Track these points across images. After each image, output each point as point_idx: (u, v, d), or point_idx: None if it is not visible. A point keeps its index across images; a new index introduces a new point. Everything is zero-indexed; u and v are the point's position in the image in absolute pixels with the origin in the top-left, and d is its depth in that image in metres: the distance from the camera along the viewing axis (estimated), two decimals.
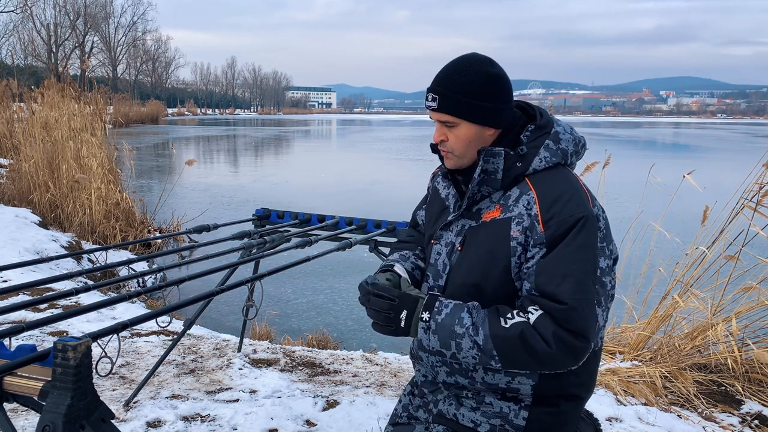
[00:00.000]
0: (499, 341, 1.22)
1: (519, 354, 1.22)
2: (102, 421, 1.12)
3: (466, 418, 1.38)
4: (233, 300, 5.48)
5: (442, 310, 1.29)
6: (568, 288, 1.20)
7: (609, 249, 1.30)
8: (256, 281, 1.88)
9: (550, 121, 1.39)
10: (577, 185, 1.32)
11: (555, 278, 1.22)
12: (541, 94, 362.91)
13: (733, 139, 45.51)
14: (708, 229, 3.51)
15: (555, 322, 1.20)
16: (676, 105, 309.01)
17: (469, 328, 1.25)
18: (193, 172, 15.96)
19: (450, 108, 1.34)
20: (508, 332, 1.21)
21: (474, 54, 1.39)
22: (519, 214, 1.30)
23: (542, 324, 1.20)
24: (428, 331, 1.29)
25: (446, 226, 1.44)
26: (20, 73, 24.90)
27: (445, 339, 1.28)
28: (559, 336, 1.19)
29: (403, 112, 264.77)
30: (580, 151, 1.42)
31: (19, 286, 1.73)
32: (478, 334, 1.24)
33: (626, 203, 9.94)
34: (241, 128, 52.29)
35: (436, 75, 1.38)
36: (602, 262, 1.26)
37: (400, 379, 3.36)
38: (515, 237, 1.29)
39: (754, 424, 2.93)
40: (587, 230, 1.24)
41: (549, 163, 1.34)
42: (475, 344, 1.24)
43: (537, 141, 1.36)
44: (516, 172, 1.34)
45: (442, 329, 1.28)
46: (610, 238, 1.32)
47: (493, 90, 1.34)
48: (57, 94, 8.27)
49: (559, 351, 1.19)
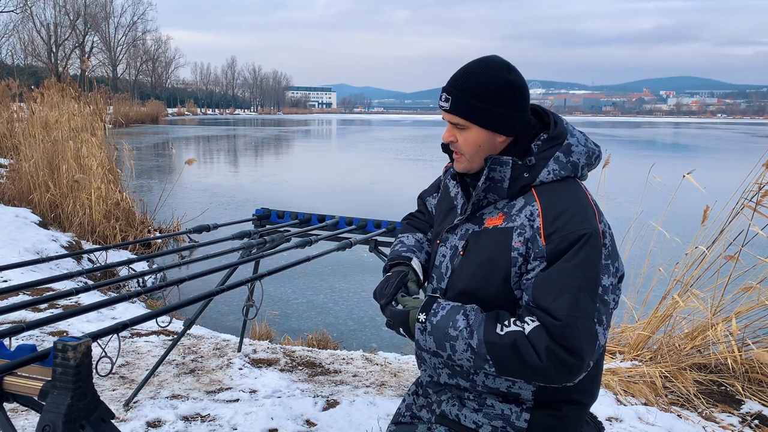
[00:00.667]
0: (492, 347, 1.22)
1: (512, 363, 1.21)
2: (102, 421, 1.12)
3: (468, 419, 1.38)
4: (233, 300, 5.48)
5: (438, 312, 1.30)
6: (563, 304, 1.19)
7: (614, 266, 1.27)
8: (256, 281, 1.88)
9: (563, 132, 1.35)
10: (584, 200, 1.29)
11: (552, 293, 1.21)
12: (541, 94, 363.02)
13: (733, 139, 45.51)
14: (708, 229, 3.51)
15: (549, 337, 1.18)
16: (676, 105, 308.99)
17: (463, 331, 1.25)
18: (193, 172, 15.96)
19: (461, 111, 1.32)
20: (502, 340, 1.21)
21: (494, 57, 1.36)
22: (521, 225, 1.28)
23: (537, 336, 1.19)
24: (424, 332, 1.30)
25: (452, 229, 1.44)
26: (20, 73, 24.90)
27: (440, 340, 1.28)
28: (552, 351, 1.17)
29: (403, 112, 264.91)
30: (594, 162, 1.39)
31: (19, 286, 1.73)
32: (473, 337, 1.24)
33: (626, 203, 9.93)
34: (241, 128, 52.29)
35: (453, 75, 1.36)
36: (605, 280, 1.23)
37: (400, 379, 3.36)
38: (516, 248, 1.27)
39: (754, 424, 2.94)
40: (589, 247, 1.22)
41: (557, 176, 1.31)
42: (469, 347, 1.24)
43: (547, 152, 1.32)
44: (523, 183, 1.32)
45: (437, 330, 1.28)
46: (616, 255, 1.30)
47: (508, 96, 1.31)
48: (57, 94, 8.27)
49: (551, 366, 1.18)
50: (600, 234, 1.25)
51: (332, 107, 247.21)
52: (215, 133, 41.24)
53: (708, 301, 3.46)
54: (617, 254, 1.31)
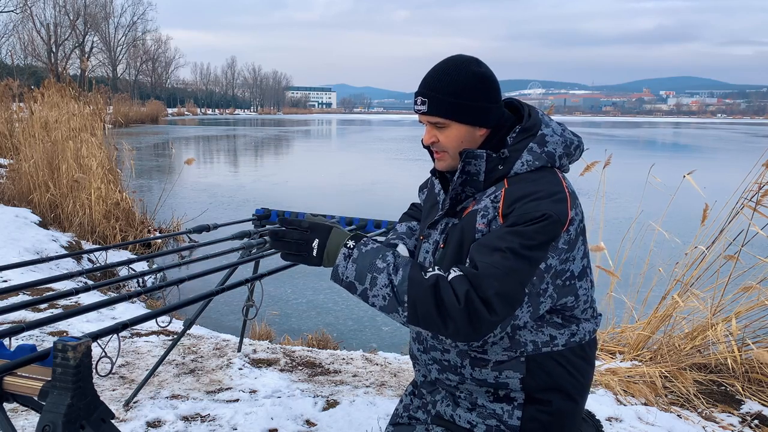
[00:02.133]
0: (413, 285, 1.19)
1: (428, 304, 1.17)
2: (102, 421, 1.12)
3: (463, 419, 1.39)
4: (233, 300, 5.48)
5: (368, 243, 1.27)
6: (488, 259, 1.19)
7: (571, 255, 1.27)
8: (256, 281, 1.88)
9: (537, 123, 1.36)
10: (555, 187, 1.28)
11: (485, 249, 1.21)
12: (541, 94, 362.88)
13: (733, 139, 45.51)
14: (708, 228, 3.51)
15: (470, 284, 1.17)
16: (676, 105, 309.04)
17: (390, 265, 1.22)
18: (193, 172, 15.97)
19: (440, 110, 1.35)
20: (425, 278, 1.19)
21: (459, 55, 1.39)
22: (485, 207, 1.30)
23: (458, 282, 1.18)
24: (348, 258, 1.25)
25: (433, 225, 1.46)
26: (20, 73, 24.90)
27: (362, 271, 1.23)
28: (470, 297, 1.15)
29: (402, 112, 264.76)
30: (573, 153, 1.39)
31: (19, 286, 1.73)
32: (398, 273, 1.21)
33: (626, 203, 9.94)
34: (241, 128, 52.27)
35: (423, 78, 1.38)
36: (552, 260, 1.22)
37: (400, 379, 3.36)
38: (480, 229, 1.29)
39: (754, 424, 2.94)
40: (544, 226, 1.20)
41: (531, 166, 1.32)
42: (390, 283, 1.21)
43: (520, 144, 1.34)
44: (497, 175, 1.33)
45: (363, 259, 1.24)
46: (579, 248, 1.29)
47: (482, 89, 1.34)
48: (57, 94, 8.27)
49: (466, 310, 1.15)
50: (567, 220, 1.23)
51: (332, 107, 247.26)
52: (215, 133, 41.23)
53: (708, 301, 3.46)
54: (582, 249, 1.30)
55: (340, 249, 1.26)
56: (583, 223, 1.31)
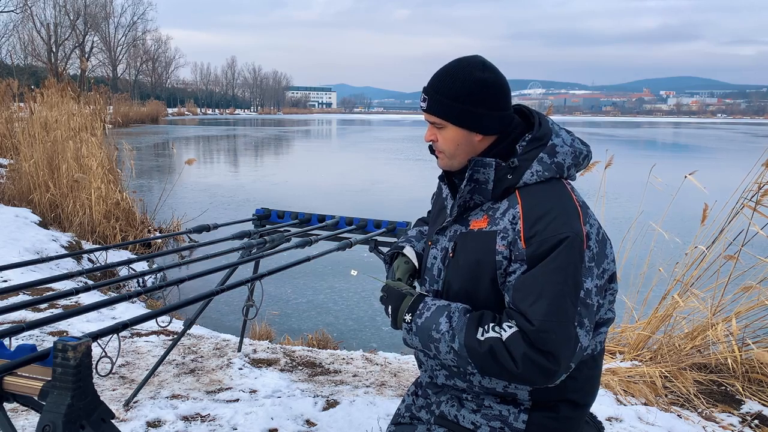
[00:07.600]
0: (472, 352, 1.24)
1: (491, 367, 1.23)
2: (102, 420, 1.12)
3: (467, 419, 1.39)
4: (233, 300, 5.48)
5: (423, 313, 1.33)
6: (539, 309, 1.19)
7: (600, 268, 1.27)
8: (256, 281, 1.88)
9: (547, 132, 1.34)
10: (567, 202, 1.28)
11: (529, 297, 1.21)
12: (541, 94, 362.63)
13: (733, 139, 45.50)
14: (708, 228, 3.51)
15: (526, 343, 1.19)
16: (676, 105, 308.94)
17: (445, 335, 1.28)
18: (193, 172, 15.96)
19: (437, 110, 1.35)
20: (481, 346, 1.23)
21: (472, 57, 1.37)
22: (504, 229, 1.28)
23: (514, 342, 1.20)
24: (410, 332, 1.34)
25: (441, 231, 1.45)
26: (20, 72, 24.91)
27: (425, 342, 1.32)
28: (528, 357, 1.18)
29: (402, 112, 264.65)
30: (581, 163, 1.38)
31: (19, 286, 1.73)
32: (455, 341, 1.26)
33: (626, 203, 9.94)
34: (241, 128, 52.26)
35: (432, 75, 1.38)
36: (588, 283, 1.23)
37: (400, 379, 3.36)
38: (500, 251, 1.28)
39: (754, 424, 2.94)
40: (569, 250, 1.21)
41: (541, 177, 1.30)
42: (452, 350, 1.27)
43: (530, 154, 1.32)
44: (506, 185, 1.32)
45: (421, 332, 1.32)
46: (603, 256, 1.29)
47: (483, 95, 1.32)
48: (57, 94, 8.27)
49: (527, 371, 1.19)
50: (583, 237, 1.24)
51: (332, 107, 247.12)
52: (215, 133, 41.22)
53: (708, 301, 3.46)
54: (605, 255, 1.30)
55: (402, 325, 1.37)
56: (602, 230, 1.31)
